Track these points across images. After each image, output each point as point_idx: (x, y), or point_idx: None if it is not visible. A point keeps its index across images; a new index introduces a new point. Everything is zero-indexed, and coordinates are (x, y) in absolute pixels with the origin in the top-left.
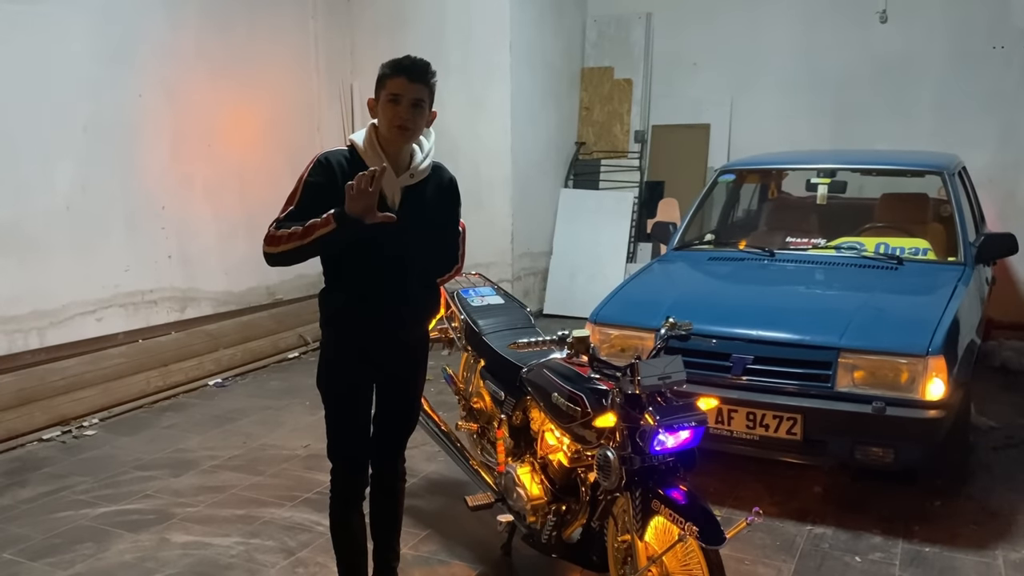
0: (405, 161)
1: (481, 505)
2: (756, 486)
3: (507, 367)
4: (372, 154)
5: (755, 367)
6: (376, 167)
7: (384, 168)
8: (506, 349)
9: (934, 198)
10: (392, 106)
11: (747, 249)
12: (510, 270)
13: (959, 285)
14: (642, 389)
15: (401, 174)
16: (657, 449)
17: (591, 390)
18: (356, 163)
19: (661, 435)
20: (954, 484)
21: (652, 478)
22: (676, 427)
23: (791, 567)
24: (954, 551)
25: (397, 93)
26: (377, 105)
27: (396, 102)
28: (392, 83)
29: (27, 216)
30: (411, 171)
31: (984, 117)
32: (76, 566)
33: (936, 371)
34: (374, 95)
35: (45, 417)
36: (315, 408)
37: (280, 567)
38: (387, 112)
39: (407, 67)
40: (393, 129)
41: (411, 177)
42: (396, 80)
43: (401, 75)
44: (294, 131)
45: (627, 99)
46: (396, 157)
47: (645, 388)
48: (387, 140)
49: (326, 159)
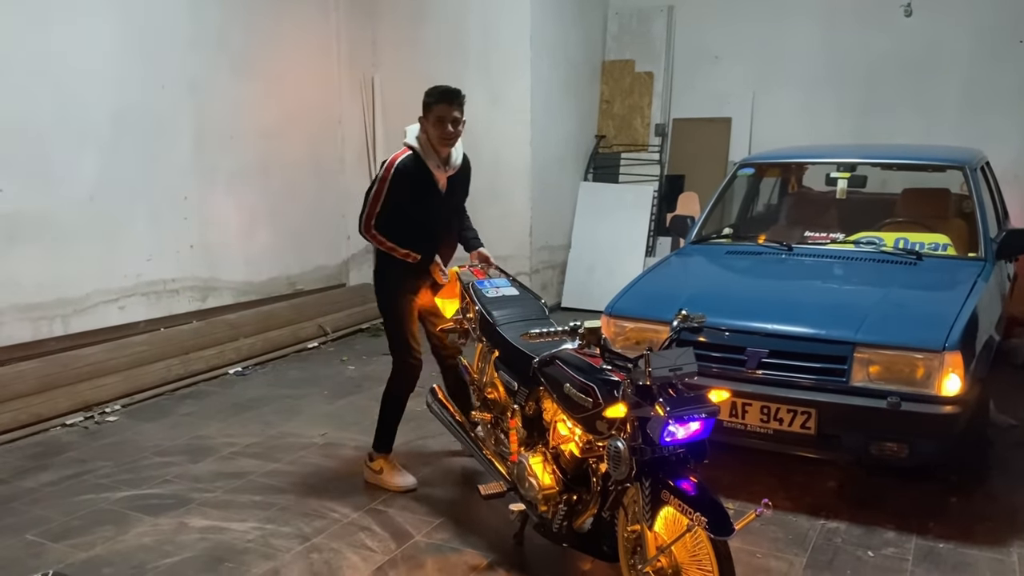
0: (447, 158)
1: (493, 494)
2: (770, 480)
3: (520, 358)
4: (429, 156)
5: (770, 361)
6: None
7: (437, 265)
8: (520, 340)
9: (956, 193)
10: (440, 125)
11: (765, 243)
12: (528, 263)
13: (978, 281)
14: (653, 380)
15: (447, 168)
16: (667, 440)
17: (603, 381)
18: (419, 162)
19: (671, 426)
20: (971, 481)
21: (662, 469)
22: (686, 418)
23: (803, 560)
24: (968, 547)
25: (442, 116)
26: (428, 123)
27: (443, 123)
28: (438, 108)
29: (52, 206)
30: (452, 166)
31: (1010, 113)
32: (96, 548)
33: (952, 367)
34: (423, 115)
35: (68, 403)
36: (333, 397)
37: (295, 552)
38: (437, 130)
39: (449, 96)
40: (442, 141)
41: (452, 169)
42: (440, 106)
43: (443, 102)
44: (315, 123)
45: (648, 92)
46: (443, 156)
47: (656, 379)
48: (438, 146)
49: (403, 166)
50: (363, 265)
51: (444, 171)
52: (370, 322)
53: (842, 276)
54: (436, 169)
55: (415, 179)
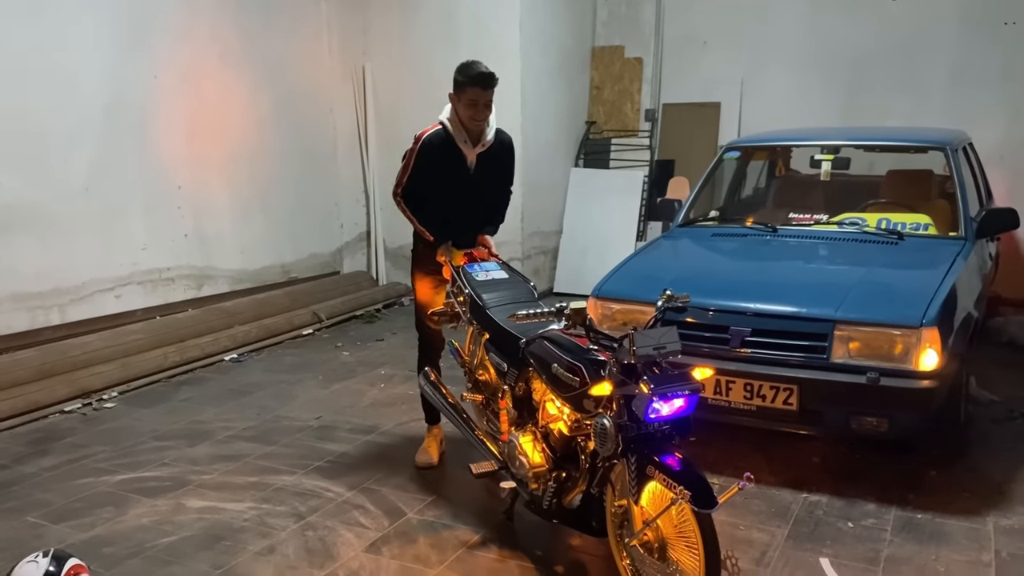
0: (477, 135)
1: (485, 472)
2: (754, 456)
3: (509, 339)
4: (458, 133)
5: (753, 339)
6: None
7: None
8: (508, 322)
9: (939, 174)
10: (472, 107)
11: (750, 225)
12: (520, 249)
13: (958, 259)
14: (637, 359)
15: (476, 146)
16: (652, 417)
17: (589, 361)
18: (448, 139)
19: (655, 403)
20: (951, 455)
21: (647, 445)
22: (670, 395)
23: (784, 532)
24: (946, 517)
25: (475, 99)
26: (459, 102)
27: (474, 105)
28: (471, 91)
29: (48, 196)
30: (483, 143)
31: (996, 94)
32: (96, 528)
33: (930, 342)
34: (454, 91)
35: (67, 390)
36: (328, 382)
37: (291, 530)
38: (468, 111)
39: (483, 79)
40: (473, 122)
41: (483, 146)
42: (473, 89)
43: (477, 85)
44: (307, 112)
45: (637, 78)
46: (474, 134)
47: (640, 358)
48: (468, 126)
49: (429, 141)
50: (356, 253)
51: (473, 148)
52: (364, 309)
53: (825, 256)
54: (464, 145)
55: (442, 154)
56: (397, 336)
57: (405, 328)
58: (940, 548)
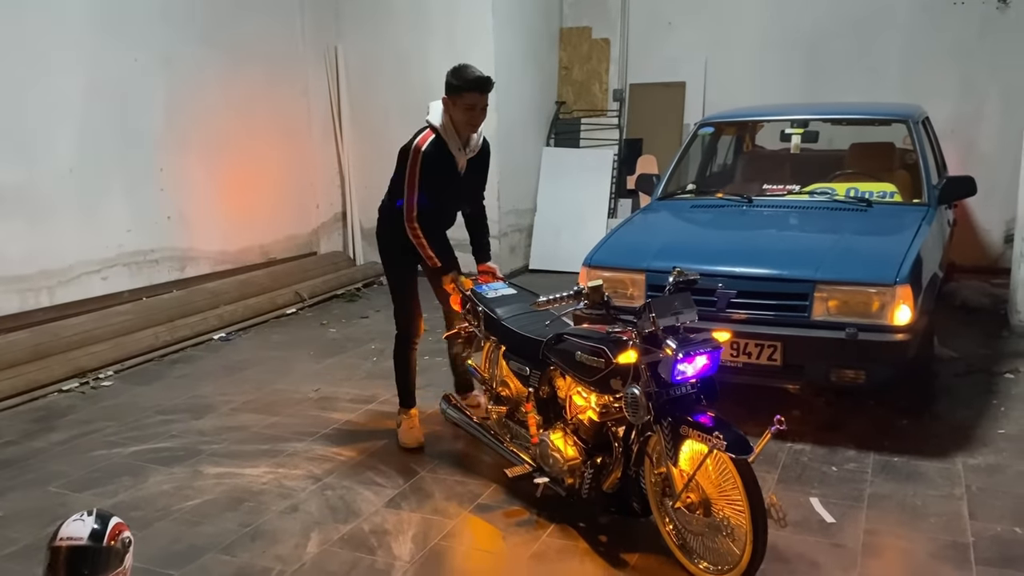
0: (467, 141)
1: (520, 475)
2: (739, 411)
3: (529, 344)
4: (452, 140)
5: (738, 301)
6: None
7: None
8: (527, 328)
9: (900, 147)
10: (468, 112)
11: (726, 197)
12: (496, 227)
13: (923, 224)
14: (657, 324)
15: (467, 151)
16: (678, 378)
17: (611, 340)
18: (441, 145)
19: (680, 364)
20: (919, 405)
21: (678, 407)
22: (693, 354)
23: (775, 477)
24: (919, 459)
25: (473, 104)
26: (454, 107)
27: (472, 110)
28: (468, 96)
29: (33, 179)
30: (472, 148)
31: (946, 70)
32: (119, 495)
33: (903, 299)
34: (448, 95)
35: (63, 369)
36: (320, 357)
37: (310, 491)
38: (464, 115)
39: (480, 83)
40: (468, 127)
41: (472, 152)
42: (472, 94)
43: (475, 89)
44: (282, 94)
45: (605, 59)
46: (465, 139)
47: (661, 323)
48: (464, 130)
49: (428, 152)
50: (333, 234)
51: (464, 154)
52: (344, 288)
53: (799, 224)
54: (457, 152)
55: (439, 163)
56: (381, 313)
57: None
58: (917, 486)
